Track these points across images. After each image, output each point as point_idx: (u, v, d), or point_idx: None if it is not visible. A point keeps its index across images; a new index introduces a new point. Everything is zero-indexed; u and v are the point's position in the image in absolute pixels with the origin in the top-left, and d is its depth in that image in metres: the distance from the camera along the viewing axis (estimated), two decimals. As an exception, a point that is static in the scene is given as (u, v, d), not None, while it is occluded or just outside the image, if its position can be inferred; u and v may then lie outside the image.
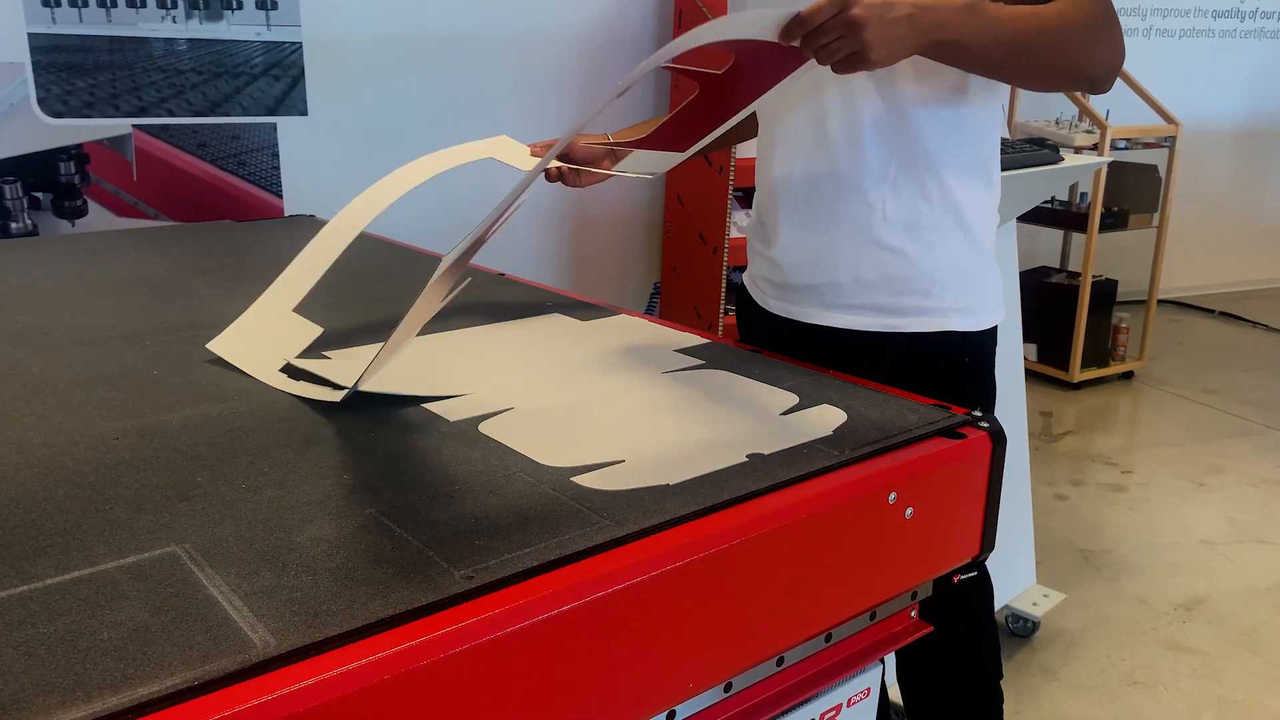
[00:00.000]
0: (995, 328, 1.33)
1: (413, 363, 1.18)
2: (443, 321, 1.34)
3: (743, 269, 1.57)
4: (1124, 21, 1.14)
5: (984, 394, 1.34)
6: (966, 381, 1.30)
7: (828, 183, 1.27)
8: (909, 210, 1.24)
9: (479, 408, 1.03)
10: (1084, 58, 1.11)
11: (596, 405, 1.06)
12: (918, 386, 1.11)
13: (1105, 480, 3.19)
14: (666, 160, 1.24)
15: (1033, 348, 4.09)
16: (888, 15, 0.97)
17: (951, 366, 1.29)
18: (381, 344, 1.23)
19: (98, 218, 2.17)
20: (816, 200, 1.28)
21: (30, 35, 2.01)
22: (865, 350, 1.27)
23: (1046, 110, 4.11)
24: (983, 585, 1.45)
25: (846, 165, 1.25)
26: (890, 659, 1.12)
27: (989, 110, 1.27)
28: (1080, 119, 3.93)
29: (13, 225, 2.12)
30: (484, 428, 0.98)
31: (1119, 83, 4.04)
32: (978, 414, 1.03)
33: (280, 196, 2.36)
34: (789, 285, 1.35)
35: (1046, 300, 3.99)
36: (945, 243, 1.26)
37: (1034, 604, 2.29)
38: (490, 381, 1.09)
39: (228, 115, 2.26)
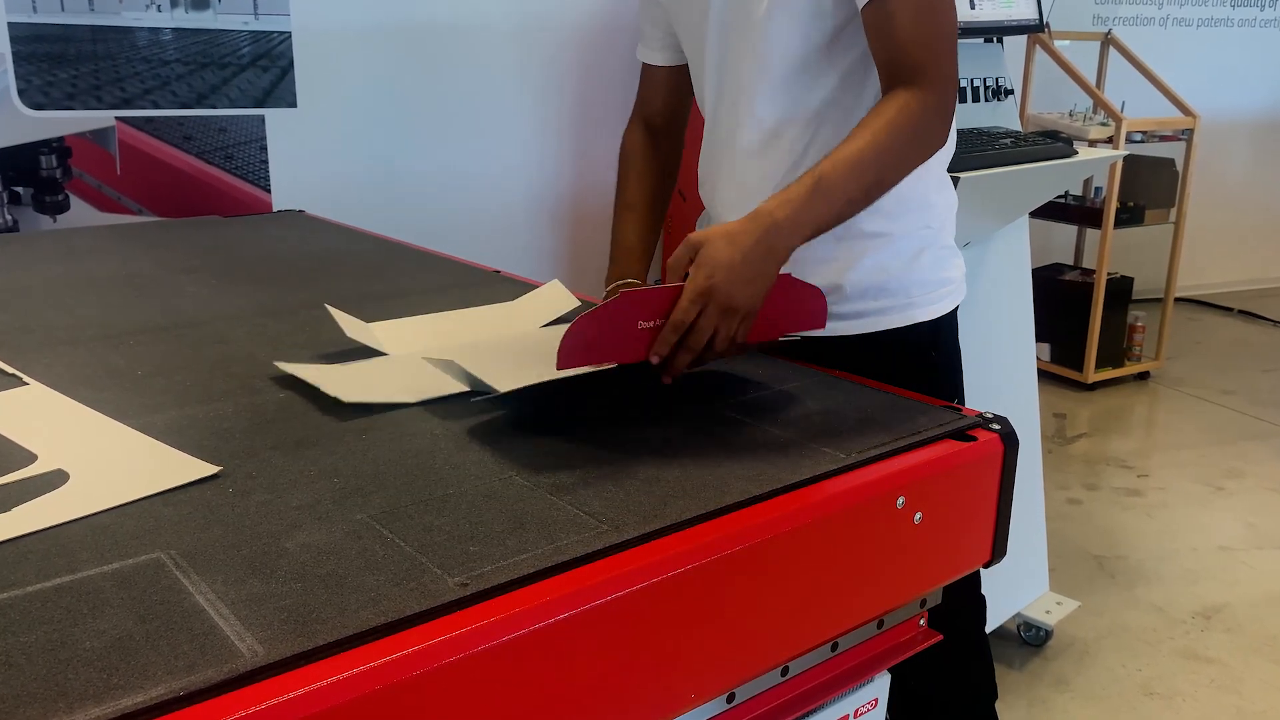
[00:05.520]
0: (944, 318, 1.32)
1: (407, 363, 1.16)
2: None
3: None
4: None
5: (942, 388, 1.32)
6: (927, 376, 1.28)
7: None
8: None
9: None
10: (924, 152, 1.14)
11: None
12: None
13: (1120, 484, 3.16)
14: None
15: (1046, 347, 4.05)
16: (743, 271, 0.98)
17: (907, 360, 1.28)
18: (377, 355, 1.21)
19: (80, 213, 2.14)
20: None
21: (10, 25, 1.98)
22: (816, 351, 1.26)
23: (1060, 102, 4.07)
24: (974, 604, 1.42)
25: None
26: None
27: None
28: (1095, 111, 3.89)
29: (-9, 221, 2.10)
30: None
31: (1135, 74, 4.02)
32: (989, 415, 1.02)
33: (269, 191, 2.34)
34: None
35: (1060, 298, 3.95)
36: (871, 252, 1.26)
37: (1047, 612, 2.26)
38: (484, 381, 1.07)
39: (214, 107, 2.22)
